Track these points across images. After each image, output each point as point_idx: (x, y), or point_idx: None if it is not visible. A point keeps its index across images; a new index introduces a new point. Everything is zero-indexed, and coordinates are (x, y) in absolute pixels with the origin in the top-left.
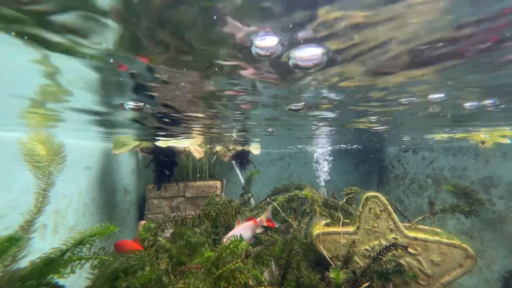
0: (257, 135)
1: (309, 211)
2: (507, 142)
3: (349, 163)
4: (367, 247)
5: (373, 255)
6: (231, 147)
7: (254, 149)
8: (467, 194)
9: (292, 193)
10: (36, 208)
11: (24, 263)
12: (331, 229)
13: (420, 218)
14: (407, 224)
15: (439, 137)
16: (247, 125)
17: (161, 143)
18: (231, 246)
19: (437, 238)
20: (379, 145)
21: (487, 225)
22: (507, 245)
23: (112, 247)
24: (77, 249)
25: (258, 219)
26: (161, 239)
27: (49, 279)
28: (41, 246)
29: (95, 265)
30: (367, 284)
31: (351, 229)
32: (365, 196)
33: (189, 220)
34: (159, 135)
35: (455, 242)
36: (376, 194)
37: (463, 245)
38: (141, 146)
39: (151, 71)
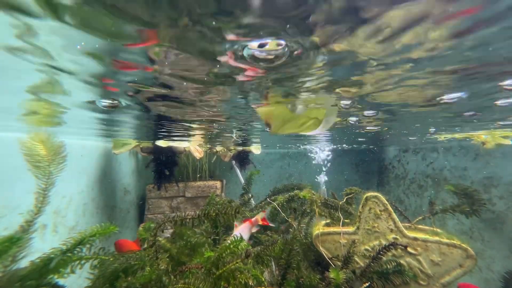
0: (257, 132)
1: (309, 211)
2: (508, 143)
3: (349, 163)
4: (367, 247)
5: (373, 255)
6: (231, 147)
7: (255, 149)
8: (468, 194)
9: (292, 193)
10: (36, 208)
11: (24, 263)
12: (331, 229)
13: (420, 218)
14: (407, 224)
15: (442, 137)
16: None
17: (161, 143)
18: (231, 246)
19: (437, 238)
20: (379, 145)
21: (487, 225)
22: (507, 245)
23: (112, 247)
24: (77, 249)
25: (253, 219)
26: (161, 239)
27: (49, 279)
28: (41, 246)
29: (95, 265)
30: (367, 284)
31: (351, 229)
32: (365, 196)
33: (188, 220)
34: (160, 133)
35: (455, 242)
36: (376, 194)
37: (463, 245)
38: (141, 146)
39: None
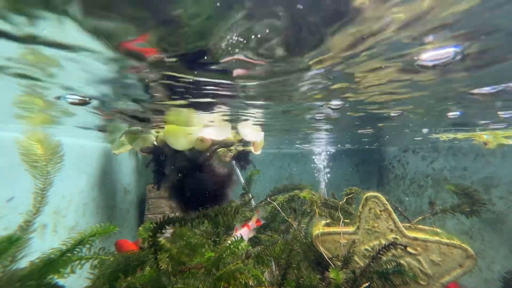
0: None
1: (309, 211)
2: (510, 143)
3: (349, 163)
4: (367, 247)
5: (373, 254)
6: (232, 147)
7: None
8: (469, 194)
9: (292, 193)
10: (34, 208)
11: (23, 264)
12: (331, 229)
13: (420, 218)
14: (407, 224)
15: (445, 137)
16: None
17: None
18: (231, 246)
19: (437, 238)
20: (379, 145)
21: (487, 225)
22: (507, 245)
23: (112, 247)
24: (77, 250)
25: (250, 223)
26: (161, 239)
27: (49, 279)
28: (41, 246)
29: (95, 265)
30: (367, 284)
31: (351, 229)
32: (365, 196)
33: (188, 220)
34: None
35: (455, 242)
36: (376, 194)
37: (463, 245)
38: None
39: None
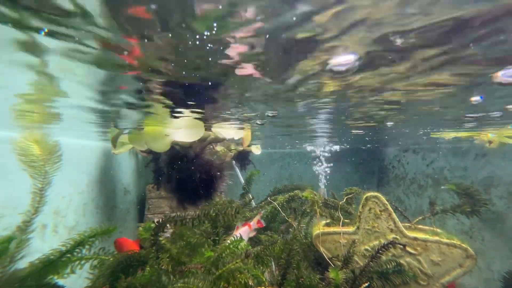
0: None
1: (309, 211)
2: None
3: (349, 163)
4: (367, 247)
5: (372, 254)
6: (232, 147)
7: (255, 149)
8: (470, 194)
9: (292, 193)
10: (33, 208)
11: (23, 264)
12: (331, 229)
13: (420, 218)
14: (407, 224)
15: (449, 136)
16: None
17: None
18: (231, 246)
19: (437, 238)
20: (379, 145)
21: (487, 225)
22: (507, 245)
23: (112, 247)
24: (77, 250)
25: (251, 223)
26: (161, 239)
27: (49, 279)
28: (41, 246)
29: (95, 265)
30: (367, 284)
31: (351, 229)
32: (365, 196)
33: (188, 220)
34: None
35: (455, 242)
36: (376, 194)
37: (463, 245)
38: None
39: None
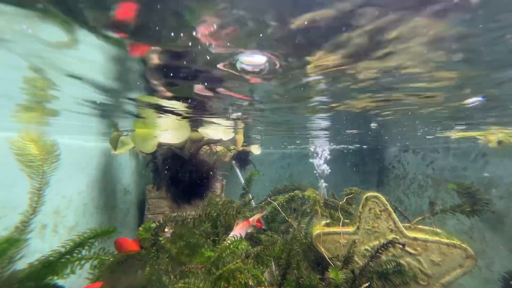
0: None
1: (309, 211)
2: None
3: (349, 163)
4: (367, 247)
5: (372, 254)
6: (232, 147)
7: (254, 149)
8: (471, 193)
9: (292, 193)
10: (31, 208)
11: (23, 264)
12: (331, 229)
13: (420, 218)
14: (407, 224)
15: (455, 135)
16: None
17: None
18: (231, 246)
19: (437, 238)
20: (379, 145)
21: (487, 225)
22: (507, 245)
23: (112, 247)
24: (76, 251)
25: (250, 219)
26: (161, 238)
27: (49, 280)
28: (41, 246)
29: (95, 265)
30: (367, 284)
31: (351, 229)
32: (365, 196)
33: (189, 220)
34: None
35: (455, 242)
36: (376, 194)
37: (463, 245)
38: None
39: None
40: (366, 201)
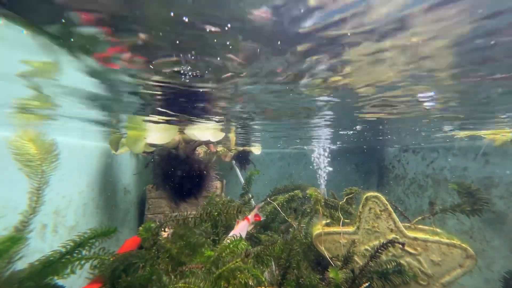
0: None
1: (309, 211)
2: None
3: (349, 163)
4: (367, 247)
5: (372, 253)
6: (232, 147)
7: (255, 149)
8: (471, 193)
9: (292, 193)
10: (30, 208)
11: (23, 264)
12: (331, 229)
13: (420, 218)
14: (407, 224)
15: (462, 135)
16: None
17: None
18: (231, 245)
19: (437, 238)
20: (380, 145)
21: (487, 225)
22: (507, 245)
23: (111, 247)
24: (76, 252)
25: (249, 216)
26: (161, 238)
27: (49, 280)
28: (41, 246)
29: (95, 265)
30: (367, 284)
31: (351, 229)
32: (365, 196)
33: (190, 219)
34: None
35: (455, 242)
36: (376, 194)
37: (463, 245)
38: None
39: None
40: (366, 201)
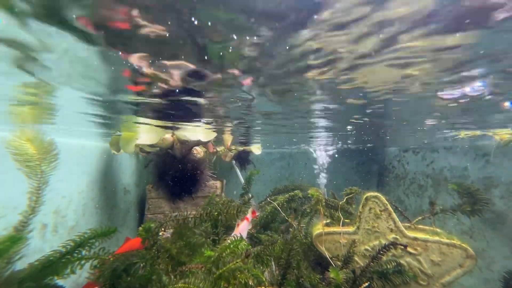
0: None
1: (309, 211)
2: None
3: (349, 163)
4: (367, 247)
5: (373, 254)
6: (232, 147)
7: (255, 149)
8: (471, 193)
9: (292, 193)
10: (30, 208)
11: (23, 264)
12: (331, 229)
13: (420, 218)
14: (407, 224)
15: (462, 134)
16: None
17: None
18: (231, 245)
19: (437, 238)
20: (380, 145)
21: (487, 225)
22: (507, 245)
23: (111, 247)
24: (77, 251)
25: (248, 216)
26: (161, 238)
27: (49, 280)
28: (41, 246)
29: (95, 265)
30: (367, 284)
31: (351, 229)
32: (365, 196)
33: (190, 219)
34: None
35: (455, 242)
36: (376, 194)
37: (463, 245)
38: (140, 146)
39: None
40: (366, 201)
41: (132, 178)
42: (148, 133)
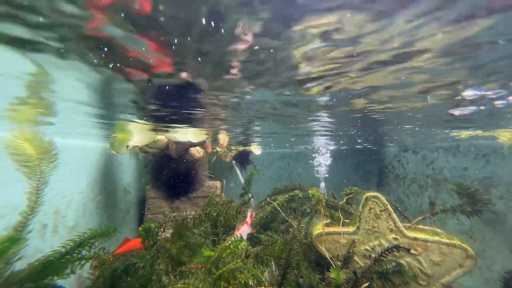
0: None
1: (309, 211)
2: None
3: (349, 163)
4: (367, 247)
5: (373, 255)
6: (232, 147)
7: (255, 149)
8: (470, 193)
9: (292, 193)
10: (29, 208)
11: (23, 264)
12: (331, 229)
13: (420, 218)
14: (407, 224)
15: (464, 134)
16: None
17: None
18: (231, 246)
19: (437, 238)
20: (380, 145)
21: (487, 225)
22: (507, 245)
23: (111, 247)
24: (76, 251)
25: (247, 220)
26: (161, 238)
27: (49, 280)
28: (41, 246)
29: (95, 265)
30: (367, 284)
31: (351, 229)
32: (365, 196)
33: (189, 220)
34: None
35: (455, 242)
36: (376, 194)
37: (463, 245)
38: (140, 146)
39: None
40: (366, 201)
41: (132, 178)
42: (140, 135)
